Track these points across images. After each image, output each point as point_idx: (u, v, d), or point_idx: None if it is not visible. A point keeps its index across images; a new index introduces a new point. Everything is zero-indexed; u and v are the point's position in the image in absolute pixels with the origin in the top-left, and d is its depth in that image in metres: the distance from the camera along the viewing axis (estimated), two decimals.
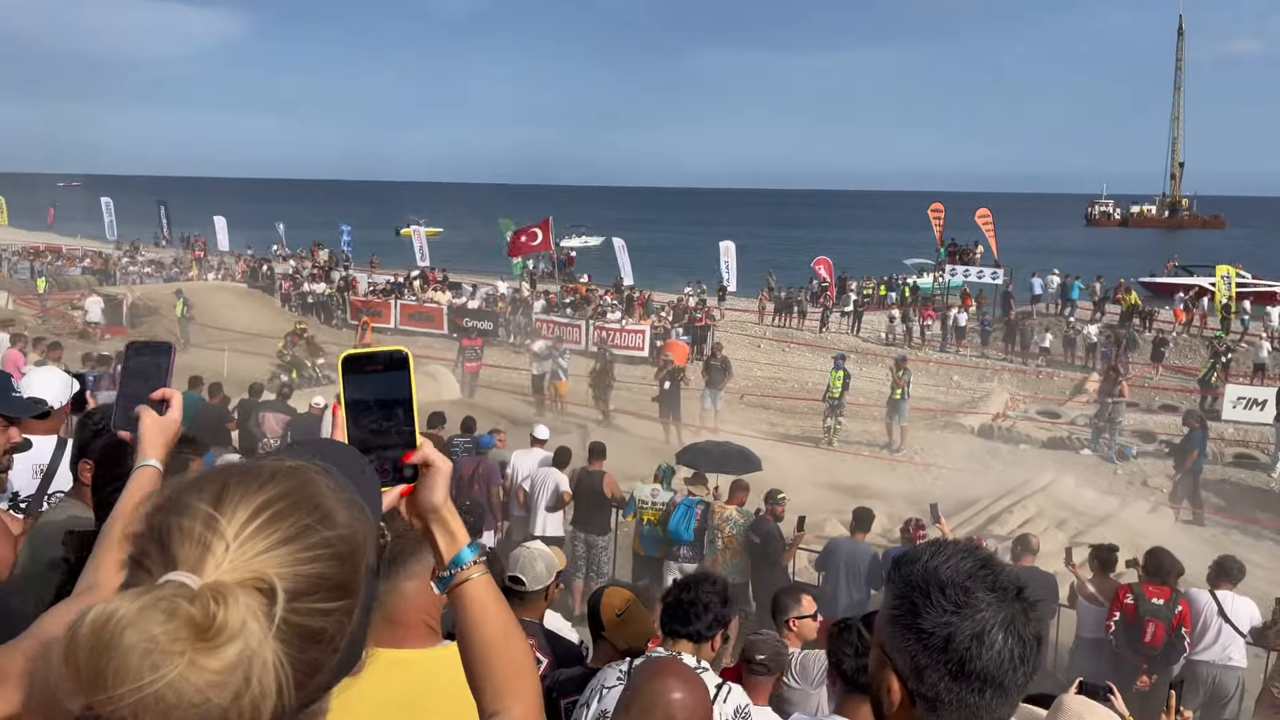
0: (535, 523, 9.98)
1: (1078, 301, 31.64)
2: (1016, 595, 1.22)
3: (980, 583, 1.20)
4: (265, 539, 0.80)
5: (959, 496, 14.06)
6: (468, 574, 1.37)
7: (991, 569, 1.23)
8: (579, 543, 10.18)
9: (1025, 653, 1.19)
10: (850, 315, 32.12)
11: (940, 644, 1.19)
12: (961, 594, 1.19)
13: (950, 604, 1.19)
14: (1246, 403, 20.91)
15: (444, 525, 1.36)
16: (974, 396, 23.97)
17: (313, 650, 0.80)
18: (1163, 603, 6.76)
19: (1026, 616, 1.21)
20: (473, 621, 1.37)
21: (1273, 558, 12.85)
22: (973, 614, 1.18)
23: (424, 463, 1.31)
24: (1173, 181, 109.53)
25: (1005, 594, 1.21)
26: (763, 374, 26.64)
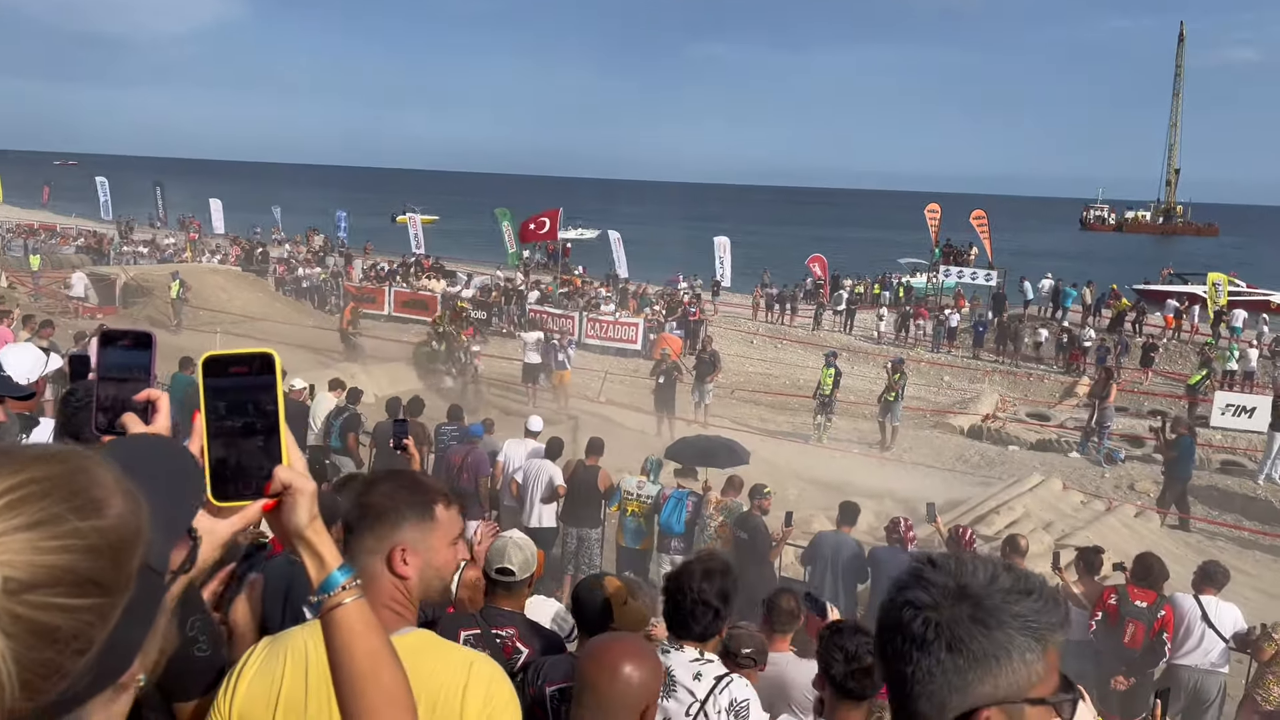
0: (530, 514, 10.00)
1: (1069, 307, 31.76)
2: (958, 595, 1.18)
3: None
4: (3, 522, 0.74)
5: (947, 496, 14.11)
6: (338, 599, 1.29)
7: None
8: (570, 536, 10.20)
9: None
10: (843, 313, 32.21)
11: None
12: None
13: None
14: (1235, 410, 21.01)
15: (309, 548, 1.29)
16: (964, 397, 24.04)
17: (47, 649, 0.73)
18: (1146, 606, 6.81)
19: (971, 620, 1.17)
20: (339, 648, 1.30)
21: (1258, 565, 12.94)
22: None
23: (284, 485, 1.24)
24: (1168, 188, 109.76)
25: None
26: (755, 370, 26.67)
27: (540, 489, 9.98)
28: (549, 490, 9.95)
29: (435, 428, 11.55)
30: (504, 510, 10.46)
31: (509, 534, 4.20)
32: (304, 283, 32.58)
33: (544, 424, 11.62)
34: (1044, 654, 1.17)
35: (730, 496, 9.40)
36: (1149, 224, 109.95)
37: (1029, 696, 1.16)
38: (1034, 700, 1.17)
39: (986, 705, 1.15)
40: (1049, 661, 1.18)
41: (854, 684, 2.97)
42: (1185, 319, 30.26)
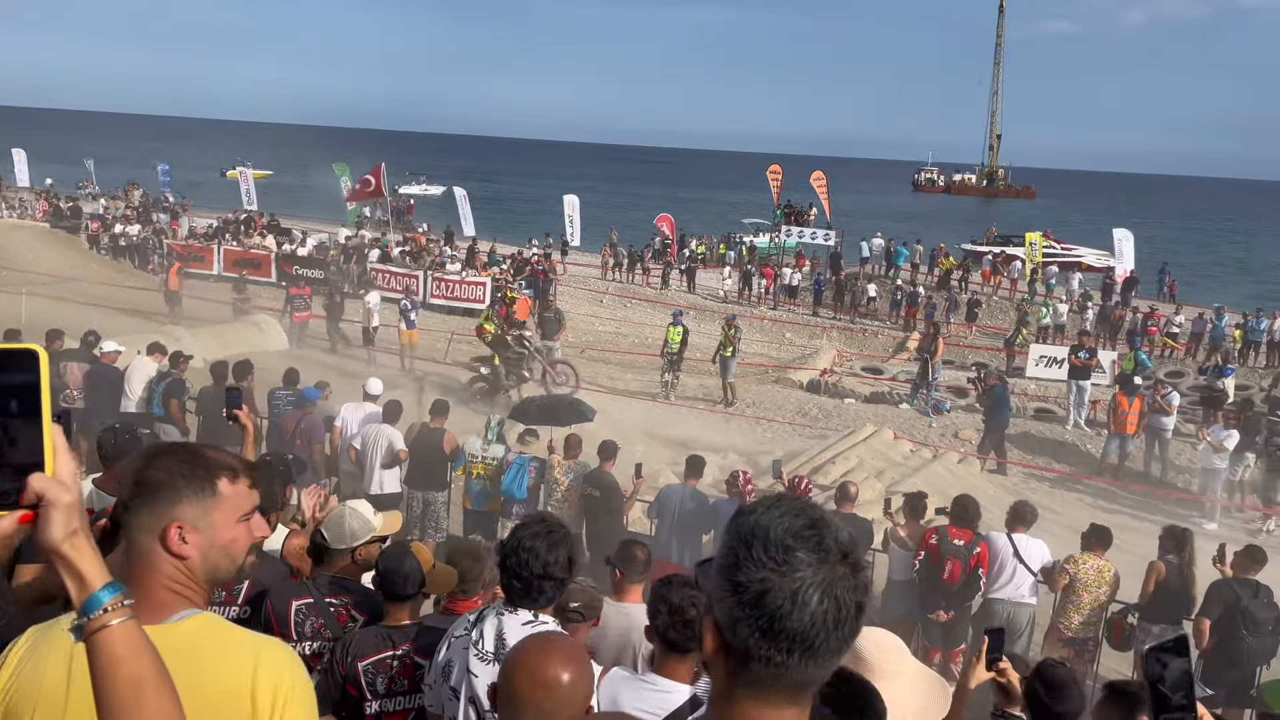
0: (370, 480, 9.72)
1: (901, 265, 33.34)
2: (842, 559, 1.18)
3: (804, 543, 1.16)
4: None
5: (787, 448, 14.63)
6: (101, 621, 1.21)
7: (820, 530, 1.18)
8: (415, 501, 9.99)
9: (841, 617, 1.16)
10: (686, 272, 32.74)
11: (754, 599, 1.16)
12: (782, 551, 1.16)
13: (770, 560, 1.16)
14: (1047, 361, 22.61)
15: (68, 566, 1.20)
16: (804, 353, 24.90)
17: None
18: (963, 544, 7.27)
19: (850, 581, 1.17)
20: (101, 673, 1.22)
21: (1065, 503, 14.00)
22: (790, 573, 1.15)
23: (37, 495, 1.15)
24: (991, 152, 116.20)
25: (828, 556, 1.17)
26: (604, 329, 26.79)
27: (380, 454, 9.71)
28: (389, 455, 9.70)
29: (269, 393, 11.05)
30: (343, 476, 10.14)
31: (352, 503, 4.06)
32: (122, 241, 30.44)
33: (387, 387, 11.31)
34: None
35: (573, 456, 9.38)
36: (974, 186, 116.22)
37: None
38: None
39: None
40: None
41: (675, 635, 3.00)
42: (1005, 276, 32.28)
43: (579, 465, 9.31)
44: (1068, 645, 7.33)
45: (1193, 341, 24.97)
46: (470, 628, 3.09)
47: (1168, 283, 32.24)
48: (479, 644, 3.04)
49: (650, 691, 2.93)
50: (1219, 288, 40.96)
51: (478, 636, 3.06)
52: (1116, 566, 7.65)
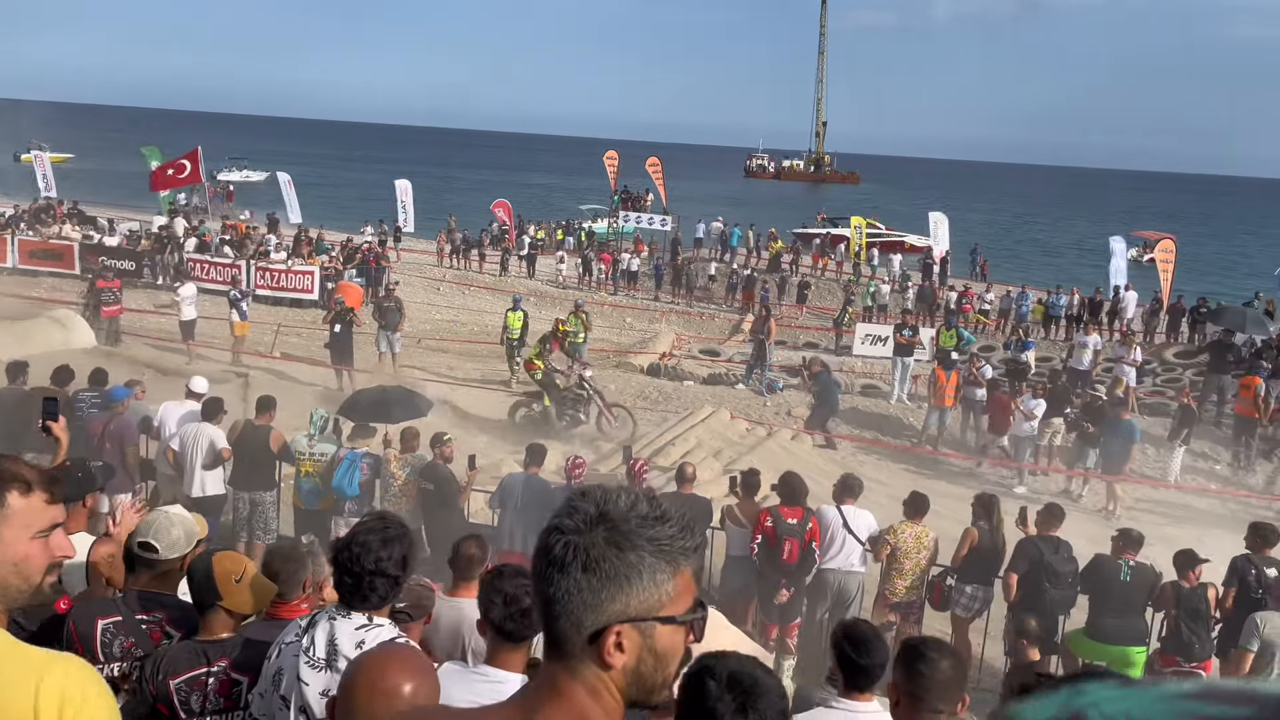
0: (191, 482, 9.19)
1: (736, 248, 34.24)
2: (597, 520, 1.26)
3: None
4: None
5: (629, 431, 14.76)
6: None
7: (582, 498, 1.29)
8: (241, 502, 9.53)
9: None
10: (526, 259, 32.54)
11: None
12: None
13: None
14: (872, 339, 23.75)
15: None
16: (644, 337, 25.19)
17: None
18: (796, 522, 7.55)
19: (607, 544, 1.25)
20: None
21: (891, 474, 14.75)
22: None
23: None
24: (817, 139, 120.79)
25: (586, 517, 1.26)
26: (442, 317, 26.27)
27: (200, 454, 9.19)
28: (211, 455, 9.19)
29: (73, 394, 10.25)
30: (161, 480, 9.55)
31: (168, 509, 3.81)
32: None
33: (210, 384, 10.70)
34: (675, 576, 1.26)
35: (409, 450, 9.14)
36: (803, 172, 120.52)
37: (659, 615, 1.26)
38: (664, 619, 1.26)
39: (618, 621, 1.23)
40: (681, 583, 1.27)
41: (512, 625, 2.98)
42: (832, 258, 33.67)
43: (415, 459, 9.09)
44: (894, 610, 7.75)
45: (1001, 318, 26.77)
46: (301, 634, 2.99)
47: (979, 263, 34.45)
48: (310, 650, 2.93)
49: (483, 683, 2.90)
50: (1024, 267, 44.09)
51: (308, 643, 2.95)
52: (936, 532, 8.13)
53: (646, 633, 1.25)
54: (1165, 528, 11.78)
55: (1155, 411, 18.16)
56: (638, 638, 1.24)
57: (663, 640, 1.27)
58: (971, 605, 7.97)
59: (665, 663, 1.28)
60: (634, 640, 1.24)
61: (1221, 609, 7.55)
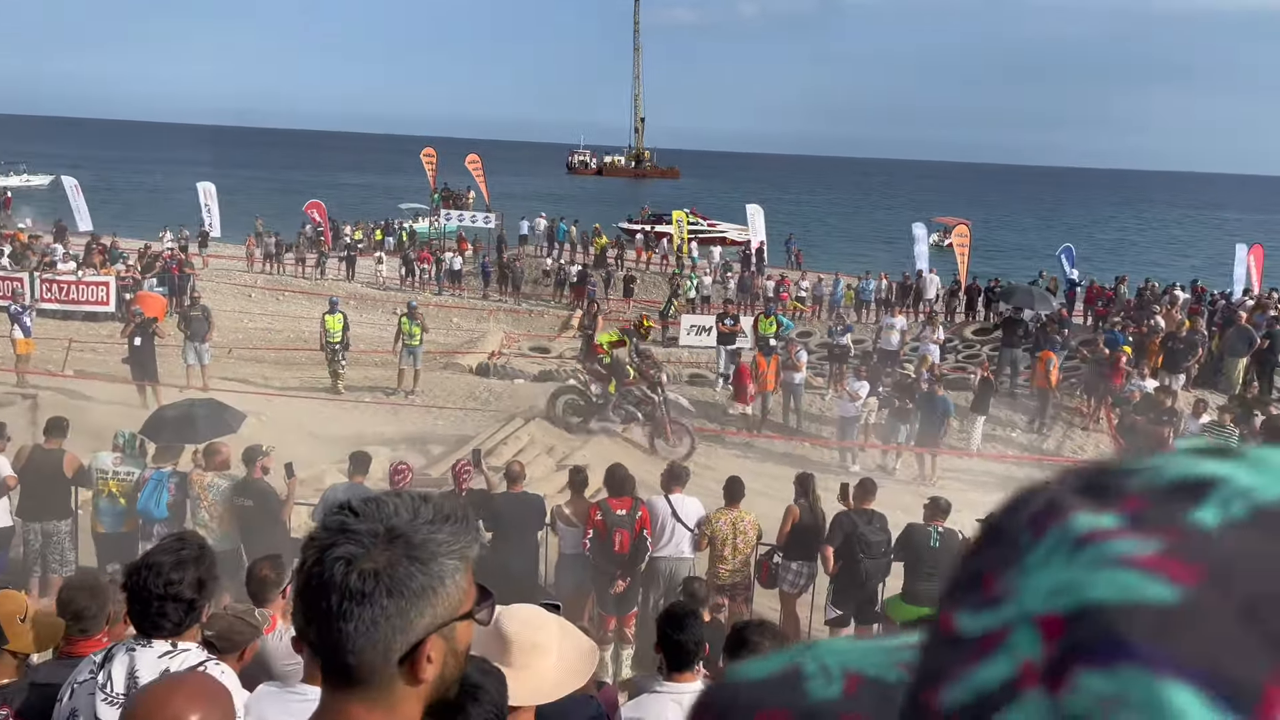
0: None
1: (562, 243, 34.28)
2: (388, 537, 1.19)
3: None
4: None
5: (459, 433, 14.53)
6: None
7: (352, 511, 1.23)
8: (32, 533, 8.77)
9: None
10: (345, 260, 31.49)
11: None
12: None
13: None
14: (697, 330, 24.34)
15: None
16: (472, 337, 24.86)
17: None
18: (625, 513, 7.65)
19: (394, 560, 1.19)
20: None
21: (719, 459, 15.15)
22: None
23: None
24: (637, 135, 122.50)
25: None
26: (255, 325, 25.02)
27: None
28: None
29: None
30: None
31: None
32: None
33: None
34: (466, 572, 1.23)
35: (218, 467, 8.61)
36: (624, 168, 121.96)
37: (459, 615, 1.22)
38: (464, 616, 1.23)
39: (427, 635, 1.18)
40: (468, 576, 1.25)
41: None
42: (656, 251, 34.25)
43: (225, 476, 8.56)
44: (720, 592, 7.97)
45: (816, 304, 27.98)
46: (96, 670, 2.79)
47: (794, 252, 35.87)
48: (107, 686, 2.74)
49: (299, 701, 2.79)
50: (835, 255, 46.25)
51: (105, 678, 2.75)
52: (761, 512, 8.41)
53: (449, 636, 1.22)
54: (970, 494, 12.64)
55: (957, 386, 19.44)
56: (443, 644, 1.21)
57: (463, 638, 1.25)
58: (798, 581, 8.30)
59: (463, 659, 1.26)
60: (440, 648, 1.20)
61: None
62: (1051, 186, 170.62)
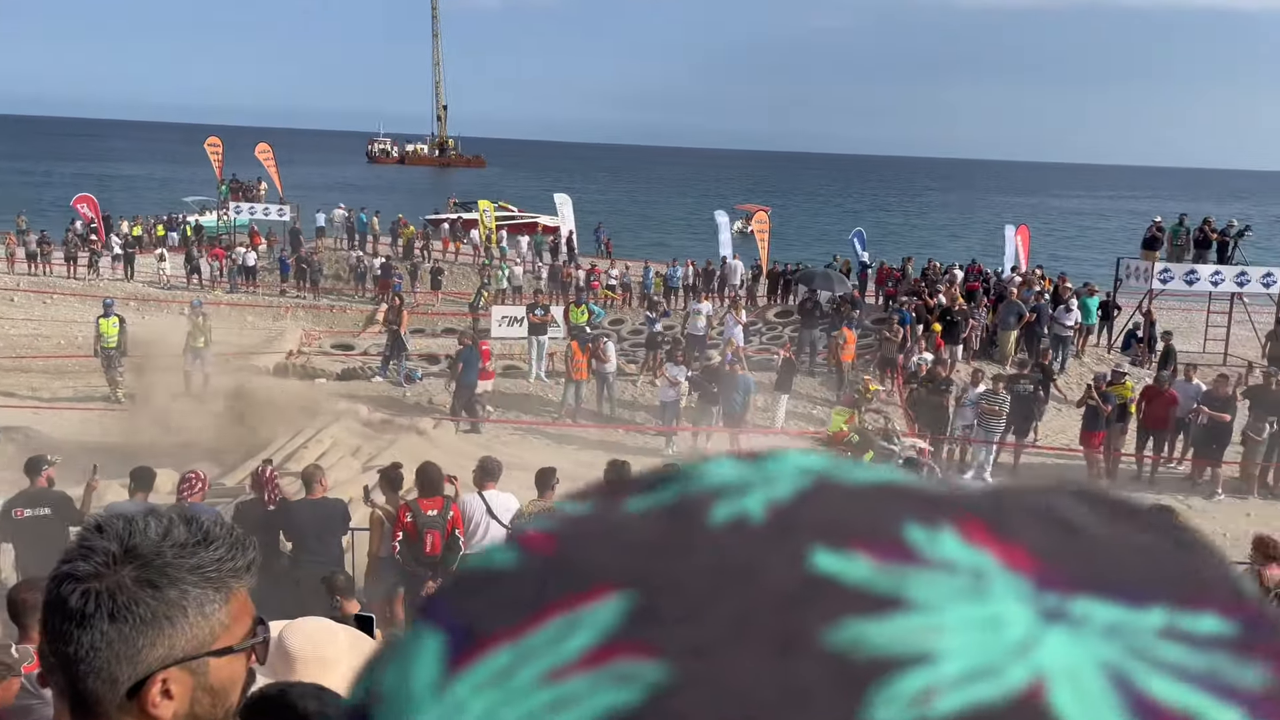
0: None
1: (364, 235, 33.08)
2: (123, 557, 1.10)
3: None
4: None
5: (251, 442, 13.72)
6: None
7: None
8: None
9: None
10: (122, 258, 29.17)
11: None
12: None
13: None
14: (508, 320, 24.07)
15: None
16: (269, 336, 23.63)
17: None
18: (436, 513, 7.44)
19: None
20: None
21: (534, 449, 15.05)
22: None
23: None
24: (439, 123, 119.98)
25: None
26: (19, 332, 22.86)
27: None
28: None
29: None
30: None
31: None
32: None
33: None
34: (228, 602, 1.13)
35: None
36: (428, 157, 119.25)
37: (213, 649, 1.12)
38: (219, 651, 1.12)
39: (161, 668, 1.08)
40: (236, 607, 1.14)
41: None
42: (465, 242, 33.64)
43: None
44: None
45: (626, 291, 28.29)
46: None
47: (603, 241, 36.12)
48: None
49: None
50: (643, 242, 46.98)
51: None
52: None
53: (199, 671, 1.10)
54: None
55: (761, 367, 20.17)
56: (189, 679, 1.09)
57: (219, 674, 1.12)
58: None
59: (224, 697, 1.14)
60: (184, 683, 1.09)
61: None
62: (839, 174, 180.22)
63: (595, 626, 0.24)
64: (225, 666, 1.13)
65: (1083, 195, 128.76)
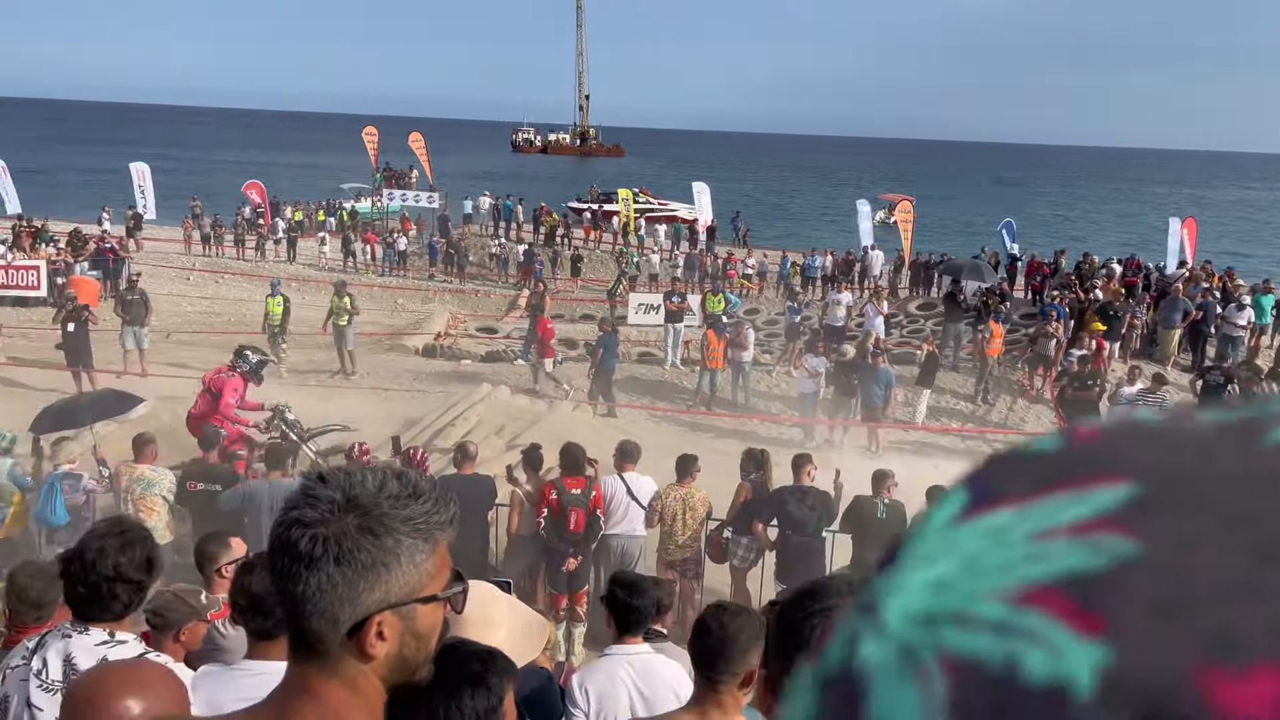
0: None
1: (509, 222, 33.99)
2: (345, 507, 1.20)
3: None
4: None
5: (406, 416, 14.38)
6: None
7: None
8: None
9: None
10: (285, 242, 30.91)
11: None
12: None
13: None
14: (645, 308, 24.31)
15: None
16: (417, 318, 24.60)
17: None
18: (580, 492, 7.63)
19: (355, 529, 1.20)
20: None
21: (672, 436, 15.19)
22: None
23: None
24: (581, 113, 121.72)
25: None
26: (194, 309, 24.50)
27: None
28: None
29: None
30: None
31: None
32: None
33: None
34: (434, 553, 1.22)
35: (149, 459, 8.02)
36: (569, 146, 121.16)
37: (420, 596, 1.21)
38: (425, 599, 1.22)
39: (378, 611, 1.18)
40: (439, 558, 1.23)
41: (257, 623, 2.86)
42: (605, 230, 34.14)
43: (158, 470, 8.05)
44: (670, 567, 8.03)
45: (762, 281, 28.13)
46: (29, 655, 2.75)
47: (740, 230, 35.97)
48: (41, 673, 2.70)
49: (245, 677, 2.76)
50: (780, 232, 46.54)
51: (39, 664, 2.72)
52: (710, 489, 8.45)
53: (408, 616, 1.21)
54: (916, 465, 12.85)
55: (902, 360, 19.72)
56: (399, 623, 1.20)
57: (424, 620, 1.23)
58: (748, 556, 8.37)
59: (426, 642, 1.25)
60: (395, 626, 1.20)
61: None
62: (994, 164, 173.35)
63: (1094, 504, 0.27)
64: (430, 613, 1.23)
65: (1256, 187, 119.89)
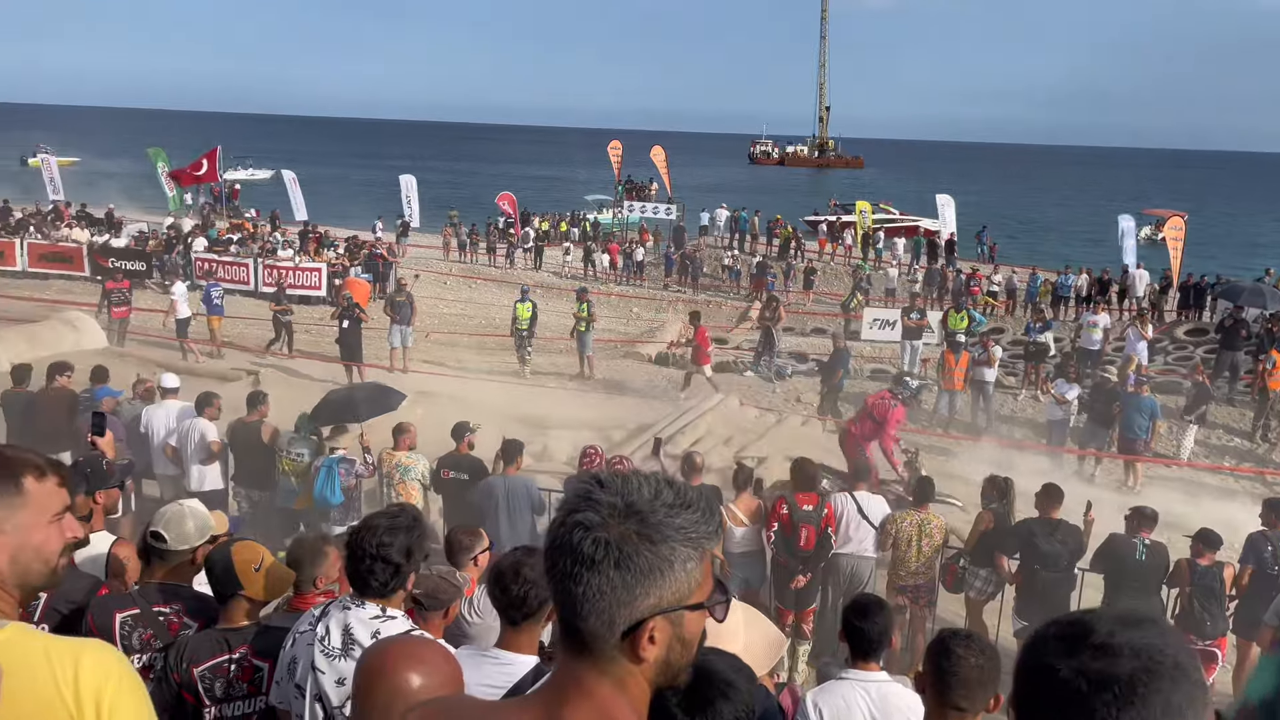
0: (190, 478, 9.18)
1: (745, 234, 34.17)
2: (626, 512, 1.22)
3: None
4: None
5: (638, 421, 14.74)
6: None
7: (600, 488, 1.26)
8: (240, 498, 9.52)
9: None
10: (532, 251, 32.57)
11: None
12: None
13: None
14: (880, 323, 23.67)
15: None
16: (652, 326, 25.18)
17: None
18: (812, 508, 7.50)
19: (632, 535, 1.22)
20: None
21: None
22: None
23: None
24: (821, 124, 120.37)
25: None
26: (450, 311, 26.31)
27: (193, 450, 9.12)
28: (203, 449, 9.08)
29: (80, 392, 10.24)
30: (162, 479, 9.54)
31: (186, 502, 3.86)
32: None
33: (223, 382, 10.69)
34: (701, 561, 1.24)
35: (406, 445, 8.66)
36: (807, 158, 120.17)
37: (689, 603, 1.24)
38: (693, 606, 1.24)
39: (652, 615, 1.21)
40: (705, 568, 1.26)
41: (514, 613, 2.99)
42: (840, 243, 33.59)
43: (413, 455, 8.63)
44: (901, 592, 7.74)
45: (1009, 298, 26.65)
46: (315, 623, 3.04)
47: (987, 244, 34.28)
48: (324, 640, 2.98)
49: (494, 665, 2.92)
50: (1028, 248, 43.88)
51: (323, 632, 3.00)
52: (947, 516, 8.08)
53: (677, 622, 1.23)
54: (1177, 505, 11.73)
55: (1165, 390, 18.07)
56: (669, 628, 1.23)
57: (691, 627, 1.26)
58: (985, 588, 7.93)
59: (690, 648, 1.27)
60: (666, 631, 1.23)
61: (1238, 586, 7.52)
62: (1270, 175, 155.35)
63: None
64: (695, 621, 1.26)
65: None
